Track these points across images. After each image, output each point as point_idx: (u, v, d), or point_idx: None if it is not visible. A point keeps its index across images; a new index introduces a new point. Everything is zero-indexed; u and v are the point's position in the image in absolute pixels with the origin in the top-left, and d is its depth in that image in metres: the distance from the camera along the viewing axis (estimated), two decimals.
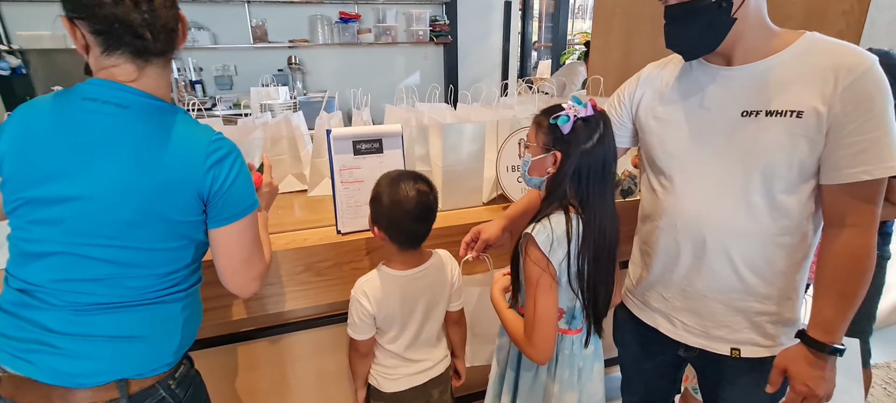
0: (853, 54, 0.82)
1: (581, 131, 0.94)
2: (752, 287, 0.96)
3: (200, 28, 4.20)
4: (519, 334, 1.04)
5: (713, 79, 0.95)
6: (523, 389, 1.15)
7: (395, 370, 1.25)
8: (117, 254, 0.79)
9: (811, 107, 0.83)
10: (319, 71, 4.73)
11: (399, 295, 1.17)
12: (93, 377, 0.81)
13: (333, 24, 4.52)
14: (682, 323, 1.05)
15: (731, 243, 0.95)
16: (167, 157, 0.79)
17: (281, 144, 1.76)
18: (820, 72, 0.83)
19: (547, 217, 0.97)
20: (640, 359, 1.23)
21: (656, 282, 1.09)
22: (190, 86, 4.18)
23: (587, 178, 0.96)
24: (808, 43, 0.87)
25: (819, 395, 0.91)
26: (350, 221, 1.37)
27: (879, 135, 0.80)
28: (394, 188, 1.11)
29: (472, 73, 5.21)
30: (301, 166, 1.80)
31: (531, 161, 1.01)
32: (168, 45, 0.83)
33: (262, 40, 4.36)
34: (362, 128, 1.39)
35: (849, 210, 0.86)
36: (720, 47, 0.89)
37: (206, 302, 1.22)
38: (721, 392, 1.09)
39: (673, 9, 0.90)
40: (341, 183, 1.36)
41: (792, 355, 0.93)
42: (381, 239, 1.14)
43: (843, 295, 0.87)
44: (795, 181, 0.88)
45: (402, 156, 1.40)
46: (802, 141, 0.85)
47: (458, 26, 5.00)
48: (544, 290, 0.96)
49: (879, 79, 0.81)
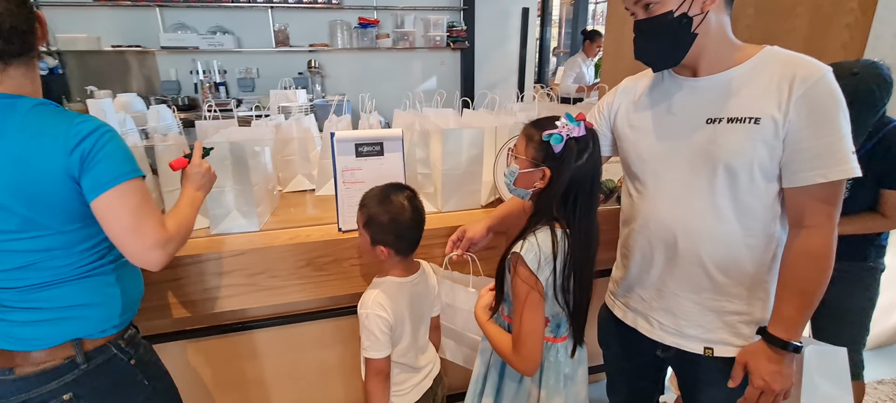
0: (807, 65, 0.88)
1: (573, 150, 0.96)
2: (722, 287, 1.00)
3: (225, 32, 4.37)
4: (505, 347, 1.06)
5: (681, 89, 1.01)
6: (508, 394, 1.17)
7: (405, 383, 1.26)
8: (30, 244, 0.87)
9: (768, 114, 0.89)
10: (338, 75, 4.86)
11: (407, 301, 1.21)
12: (48, 340, 0.92)
13: (353, 29, 4.64)
14: (659, 322, 1.09)
15: (700, 244, 0.99)
16: (34, 150, 0.83)
17: (292, 145, 1.85)
18: (776, 82, 0.89)
19: (533, 233, 0.99)
20: (621, 359, 1.27)
21: (634, 283, 1.14)
22: (214, 87, 4.35)
23: (575, 196, 0.99)
24: (767, 55, 0.93)
25: (775, 389, 0.95)
26: (350, 220, 1.43)
27: (833, 141, 0.85)
28: (388, 204, 1.14)
29: (489, 79, 5.27)
30: (310, 166, 1.88)
31: (519, 173, 1.03)
32: (25, 47, 0.86)
33: (284, 44, 4.50)
34: (364, 132, 1.46)
35: (807, 211, 0.90)
36: (686, 60, 0.95)
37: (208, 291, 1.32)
38: (697, 391, 1.12)
39: (640, 23, 0.96)
40: (343, 183, 1.43)
41: (752, 350, 0.98)
42: (387, 255, 1.16)
43: (801, 294, 0.92)
44: (759, 184, 0.93)
45: (402, 159, 1.47)
46: (760, 145, 0.90)
47: (475, 32, 5.06)
48: (532, 307, 0.98)
49: (832, 88, 0.86)
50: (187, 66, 4.35)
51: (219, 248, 1.31)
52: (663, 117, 1.03)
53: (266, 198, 1.56)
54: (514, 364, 1.05)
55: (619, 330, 1.20)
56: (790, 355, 0.95)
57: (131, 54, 4.26)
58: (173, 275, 1.28)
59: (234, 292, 1.33)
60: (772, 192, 0.93)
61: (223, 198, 1.40)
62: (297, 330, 1.58)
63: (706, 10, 0.90)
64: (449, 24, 4.94)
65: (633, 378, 1.29)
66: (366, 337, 1.16)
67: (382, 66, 4.95)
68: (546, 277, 0.99)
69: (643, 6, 0.93)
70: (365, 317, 1.15)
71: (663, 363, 1.21)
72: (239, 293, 1.34)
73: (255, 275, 1.33)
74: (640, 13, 0.95)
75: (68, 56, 4.13)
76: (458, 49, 5.03)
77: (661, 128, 1.03)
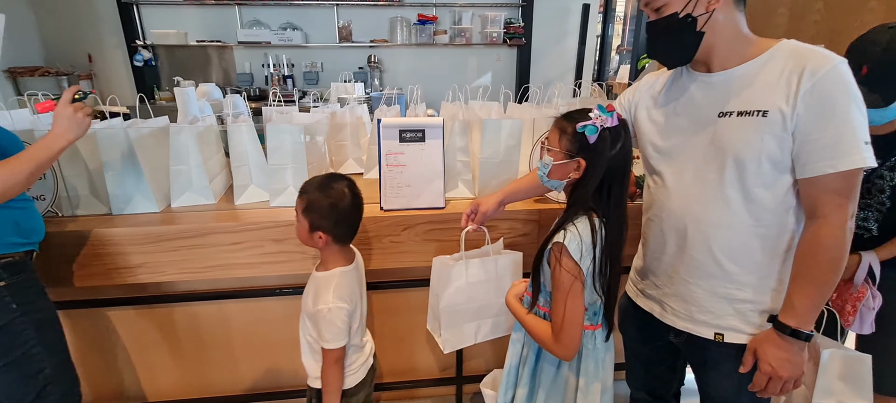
0: (818, 57, 0.88)
1: (607, 140, 1.00)
2: (731, 275, 1.02)
3: (295, 28, 4.69)
4: (545, 335, 1.09)
5: (696, 84, 1.04)
6: (545, 383, 1.21)
7: (355, 363, 1.31)
8: None
9: (776, 106, 0.90)
10: (395, 70, 5.05)
11: (357, 286, 1.27)
12: None
13: (412, 25, 4.81)
14: (671, 307, 1.12)
15: (710, 233, 1.01)
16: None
17: (344, 131, 2.00)
18: (785, 75, 0.90)
19: (573, 224, 1.04)
20: (638, 344, 1.31)
21: (649, 270, 1.17)
22: (282, 80, 4.68)
23: (609, 185, 1.04)
24: (780, 48, 0.94)
25: (782, 376, 0.96)
26: (391, 199, 1.56)
27: (843, 131, 0.85)
28: (328, 190, 1.17)
29: (545, 75, 5.24)
30: (360, 151, 2.03)
31: (553, 164, 1.06)
32: None
33: (347, 40, 4.76)
34: (408, 119, 1.57)
35: (818, 202, 0.91)
36: (699, 56, 0.99)
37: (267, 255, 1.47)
38: (706, 376, 1.14)
39: (651, 24, 1.01)
40: (387, 166, 1.55)
41: (762, 338, 1.00)
42: (325, 242, 1.19)
43: (811, 282, 0.93)
44: (769, 175, 0.94)
45: (441, 146, 1.56)
46: (769, 137, 0.91)
47: (532, 28, 5.06)
48: (575, 296, 1.02)
49: (842, 78, 0.86)
50: (260, 59, 4.71)
51: (276, 219, 1.47)
52: (679, 111, 1.06)
53: None
54: (555, 351, 1.09)
55: (636, 315, 1.24)
56: (800, 343, 0.95)
57: (212, 48, 4.69)
58: (236, 240, 1.45)
59: (285, 258, 1.50)
60: (784, 184, 0.94)
61: (282, 174, 1.57)
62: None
63: (711, 10, 0.93)
64: (506, 20, 4.98)
65: (649, 363, 1.31)
66: (327, 330, 1.18)
67: (439, 61, 5.08)
68: (587, 266, 1.03)
69: (653, 8, 0.98)
70: (327, 312, 1.17)
71: (678, 349, 1.22)
72: (290, 259, 1.50)
73: (303, 245, 1.48)
74: (651, 15, 1.00)
75: (160, 50, 4.62)
76: (514, 45, 5.06)
77: (677, 122, 1.06)
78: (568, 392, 1.20)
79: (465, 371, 1.92)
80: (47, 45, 4.42)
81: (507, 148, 1.63)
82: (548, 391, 1.21)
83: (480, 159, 1.63)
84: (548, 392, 1.22)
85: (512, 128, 1.61)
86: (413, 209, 1.57)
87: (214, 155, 1.73)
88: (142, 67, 4.52)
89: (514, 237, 1.59)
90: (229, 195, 1.68)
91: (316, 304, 1.19)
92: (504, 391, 1.30)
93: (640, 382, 1.38)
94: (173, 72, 4.52)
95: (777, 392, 1.00)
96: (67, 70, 4.32)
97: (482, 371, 1.87)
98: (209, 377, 1.82)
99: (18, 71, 4.04)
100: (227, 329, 1.74)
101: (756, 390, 1.02)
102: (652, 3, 0.98)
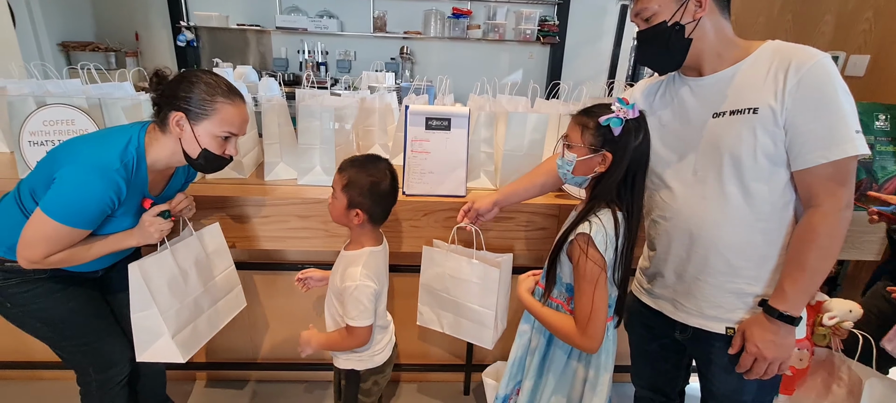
0: (802, 53, 0.92)
1: (631, 131, 1.03)
2: (738, 269, 1.03)
3: (331, 16, 4.78)
4: (569, 328, 1.09)
5: (689, 89, 1.07)
6: (554, 372, 1.23)
7: (381, 341, 1.34)
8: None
9: (766, 103, 0.94)
10: (427, 62, 5.08)
11: (383, 267, 1.30)
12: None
13: (446, 18, 4.82)
14: (681, 304, 1.13)
15: (714, 231, 1.03)
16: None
17: (373, 116, 2.04)
18: (772, 72, 0.94)
19: (596, 216, 1.05)
20: (645, 341, 1.31)
21: (657, 270, 1.18)
22: (316, 66, 4.78)
23: (634, 176, 1.06)
24: (764, 49, 0.99)
25: (766, 357, 0.99)
26: (414, 185, 1.59)
27: (833, 121, 0.89)
28: (371, 169, 1.19)
29: (577, 75, 5.17)
30: (387, 138, 2.07)
31: (577, 161, 1.07)
32: None
33: (381, 30, 4.81)
34: (435, 107, 1.59)
35: (813, 191, 0.94)
36: (689, 61, 1.03)
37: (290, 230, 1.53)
38: (712, 373, 1.14)
39: (641, 33, 1.05)
40: (412, 152, 1.59)
41: (751, 320, 1.04)
42: (361, 221, 1.20)
43: (802, 268, 0.96)
44: (765, 170, 0.97)
45: (466, 135, 1.58)
46: (762, 133, 0.94)
47: (567, 27, 5.00)
48: (601, 287, 1.04)
49: (827, 70, 0.90)
50: (296, 45, 4.82)
51: (302, 196, 1.53)
52: (675, 115, 1.10)
53: None
54: (580, 343, 1.08)
55: (643, 313, 1.24)
56: (787, 327, 0.98)
57: (251, 32, 4.82)
58: (263, 213, 1.52)
59: (309, 235, 1.55)
60: (781, 178, 0.97)
61: (310, 154, 1.62)
62: None
63: (698, 18, 0.98)
64: (542, 17, 4.94)
65: (656, 359, 1.32)
66: (353, 307, 1.20)
67: (471, 55, 5.08)
68: (611, 258, 1.05)
69: (643, 18, 1.01)
70: (354, 289, 1.19)
71: (682, 350, 1.24)
72: (313, 236, 1.55)
73: (327, 223, 1.53)
74: (640, 24, 1.04)
75: (202, 31, 4.78)
76: (547, 43, 5.01)
77: (674, 125, 1.09)
78: (576, 384, 1.22)
79: (474, 359, 1.95)
80: (99, 21, 4.65)
81: (531, 142, 1.64)
82: (556, 382, 1.23)
83: (504, 151, 1.64)
84: (556, 383, 1.23)
85: (538, 121, 1.62)
86: (434, 195, 1.60)
87: (248, 132, 1.80)
88: (184, 48, 4.69)
89: (533, 230, 1.60)
90: (260, 171, 1.75)
91: (343, 281, 1.22)
92: (506, 381, 1.32)
93: (646, 380, 1.38)
94: (213, 53, 4.68)
95: (762, 374, 1.02)
96: (116, 46, 4.54)
97: (490, 361, 1.88)
98: (229, 343, 1.90)
99: (71, 45, 4.27)
100: (250, 298, 1.82)
101: (742, 371, 1.04)
102: (642, 14, 1.01)
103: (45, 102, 1.48)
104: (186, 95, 1.11)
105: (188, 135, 1.13)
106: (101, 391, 1.39)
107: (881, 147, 1.50)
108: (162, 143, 1.16)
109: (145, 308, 1.24)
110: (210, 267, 1.43)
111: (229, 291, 1.51)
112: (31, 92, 1.60)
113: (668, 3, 0.97)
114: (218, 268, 1.46)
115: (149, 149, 1.16)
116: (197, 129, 1.13)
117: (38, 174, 1.13)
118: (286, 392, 1.96)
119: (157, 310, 1.24)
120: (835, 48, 2.09)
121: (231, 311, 1.52)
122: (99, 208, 1.08)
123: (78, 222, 1.08)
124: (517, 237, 1.62)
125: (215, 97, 1.13)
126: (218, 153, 1.17)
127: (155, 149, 1.16)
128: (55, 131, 1.50)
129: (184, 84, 1.12)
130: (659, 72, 1.14)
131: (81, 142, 1.14)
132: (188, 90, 1.11)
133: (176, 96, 1.12)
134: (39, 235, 1.07)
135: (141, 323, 1.26)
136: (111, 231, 1.19)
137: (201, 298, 1.38)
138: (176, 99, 1.12)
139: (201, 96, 1.12)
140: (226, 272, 1.49)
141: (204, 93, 1.12)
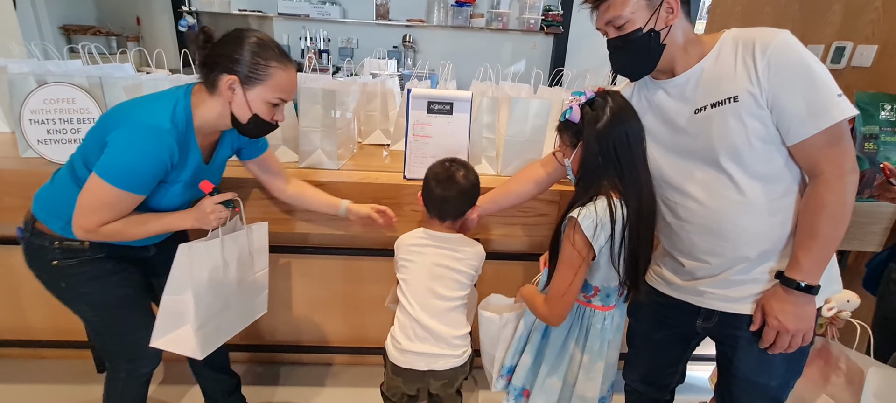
0: (762, 34, 0.94)
1: (588, 115, 1.05)
2: (763, 254, 1.03)
3: (334, 3, 4.74)
4: (537, 299, 1.17)
5: (665, 92, 1.09)
6: (550, 354, 1.25)
7: None
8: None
9: (743, 89, 0.95)
10: (429, 51, 5.04)
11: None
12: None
13: (449, 6, 4.78)
14: (707, 291, 1.11)
15: (733, 221, 1.02)
16: None
17: (375, 101, 2.03)
18: (740, 58, 0.96)
19: (592, 202, 1.06)
20: (651, 330, 1.29)
21: (678, 264, 1.16)
22: (318, 54, 4.75)
23: (616, 153, 1.05)
24: (725, 39, 1.00)
25: (789, 329, 0.99)
26: (415, 169, 1.58)
27: (811, 93, 0.90)
28: (435, 166, 1.33)
29: (581, 65, 5.09)
30: (388, 124, 2.06)
31: (569, 162, 1.13)
32: None
33: (384, 18, 4.77)
34: (437, 91, 1.58)
35: (813, 161, 0.95)
36: (662, 65, 1.04)
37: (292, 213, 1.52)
38: (739, 357, 1.12)
39: (613, 41, 1.04)
40: (413, 136, 1.58)
41: (769, 294, 1.03)
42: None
43: (813, 236, 0.96)
44: (763, 153, 0.97)
45: (468, 120, 1.58)
46: (749, 118, 0.95)
47: (571, 17, 4.96)
48: (580, 272, 1.08)
49: (791, 44, 0.91)
50: (298, 32, 4.79)
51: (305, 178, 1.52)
52: (657, 119, 1.10)
53: (346, 144, 1.76)
54: (541, 313, 1.15)
55: (655, 301, 1.23)
56: (806, 297, 0.98)
57: (253, 18, 4.79)
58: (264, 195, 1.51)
59: (308, 217, 1.55)
60: (781, 156, 0.98)
61: (312, 136, 1.62)
62: (358, 263, 1.78)
63: (670, 24, 0.99)
64: (545, 7, 4.90)
65: (659, 351, 1.31)
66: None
67: (474, 45, 5.05)
68: (601, 245, 1.06)
69: (615, 27, 1.01)
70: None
71: (694, 336, 1.22)
72: (312, 218, 1.55)
73: None
74: (611, 32, 1.03)
75: (204, 16, 4.75)
76: (551, 33, 4.98)
77: (659, 129, 1.10)
78: (572, 366, 1.23)
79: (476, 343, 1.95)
80: (100, 5, 4.62)
81: (533, 128, 1.63)
82: (552, 362, 1.25)
83: (506, 137, 1.63)
84: (553, 362, 1.25)
85: (540, 107, 1.61)
86: None
87: None
88: (186, 33, 4.67)
89: (533, 216, 1.60)
90: None
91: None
92: (513, 354, 1.33)
93: (640, 373, 1.38)
94: None
95: (786, 347, 1.02)
96: (117, 31, 4.51)
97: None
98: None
99: (72, 29, 4.24)
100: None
101: (765, 345, 1.04)
102: (614, 22, 1.00)
103: (46, 81, 1.47)
104: (239, 57, 1.06)
105: (239, 99, 1.09)
106: (128, 379, 1.36)
107: (886, 137, 1.49)
108: (209, 106, 1.12)
109: (180, 292, 1.20)
110: (251, 264, 1.39)
111: (257, 295, 1.46)
112: (31, 71, 1.59)
113: (641, 11, 0.97)
114: (257, 267, 1.42)
115: (195, 111, 1.12)
116: (249, 94, 1.09)
117: (90, 141, 1.10)
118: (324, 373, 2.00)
119: (191, 297, 1.20)
120: (842, 38, 2.07)
121: (252, 315, 1.47)
122: (152, 170, 1.06)
123: (132, 185, 1.06)
124: (517, 223, 1.62)
125: (269, 61, 1.08)
126: (267, 119, 1.14)
127: (202, 111, 1.12)
128: (56, 109, 1.50)
129: (236, 45, 1.07)
130: (631, 79, 1.14)
131: (130, 105, 1.11)
132: (240, 52, 1.06)
133: (228, 57, 1.06)
134: (95, 201, 1.05)
135: (170, 306, 1.21)
136: (161, 201, 1.16)
137: (232, 296, 1.33)
138: (228, 60, 1.07)
139: (255, 59, 1.07)
140: (261, 273, 1.44)
141: (258, 56, 1.07)
